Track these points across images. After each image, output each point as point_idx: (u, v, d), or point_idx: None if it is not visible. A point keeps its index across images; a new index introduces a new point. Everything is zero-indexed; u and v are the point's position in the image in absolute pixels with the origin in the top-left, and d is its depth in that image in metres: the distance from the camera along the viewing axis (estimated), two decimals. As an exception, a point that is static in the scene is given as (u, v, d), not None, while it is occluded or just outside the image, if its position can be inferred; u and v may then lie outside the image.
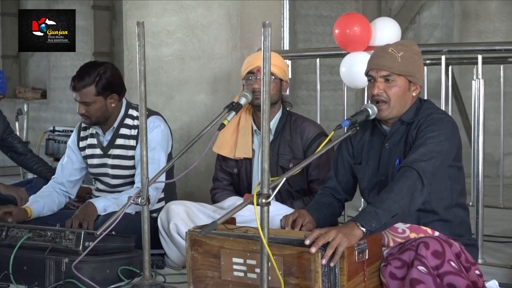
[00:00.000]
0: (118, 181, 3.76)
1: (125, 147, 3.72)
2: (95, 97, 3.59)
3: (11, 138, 4.71)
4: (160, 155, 3.64)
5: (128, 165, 3.71)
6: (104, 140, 3.76)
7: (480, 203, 3.44)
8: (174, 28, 4.60)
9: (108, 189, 3.79)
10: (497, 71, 5.77)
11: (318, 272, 2.42)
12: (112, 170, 3.75)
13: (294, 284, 2.49)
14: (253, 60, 3.60)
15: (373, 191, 2.94)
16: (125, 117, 3.73)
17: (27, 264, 3.11)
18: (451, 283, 2.47)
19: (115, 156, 3.73)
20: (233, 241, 2.65)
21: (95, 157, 3.79)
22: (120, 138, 3.73)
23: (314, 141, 3.55)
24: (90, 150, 3.81)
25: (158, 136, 3.67)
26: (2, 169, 7.52)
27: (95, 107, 3.60)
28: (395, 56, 2.81)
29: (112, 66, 3.69)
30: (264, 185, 2.30)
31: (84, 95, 3.58)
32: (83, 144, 3.84)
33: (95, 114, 3.62)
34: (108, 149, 3.75)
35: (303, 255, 2.45)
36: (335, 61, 6.91)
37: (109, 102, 3.64)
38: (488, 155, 5.91)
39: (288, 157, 3.57)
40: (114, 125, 3.72)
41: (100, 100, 3.60)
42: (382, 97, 2.83)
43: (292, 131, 3.60)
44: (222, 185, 3.77)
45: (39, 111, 10.96)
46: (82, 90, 3.57)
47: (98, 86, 3.57)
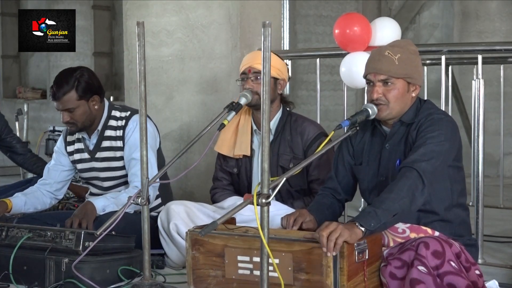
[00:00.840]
0: (110, 183, 3.75)
1: (112, 149, 3.70)
2: (77, 102, 3.57)
3: (10, 138, 4.70)
4: (148, 153, 3.64)
5: (118, 166, 3.70)
6: (90, 144, 3.74)
7: (480, 203, 3.44)
8: (174, 28, 4.60)
9: (101, 192, 3.78)
10: (497, 71, 5.77)
11: (330, 267, 2.44)
12: (102, 173, 3.74)
13: (305, 280, 2.50)
14: (246, 60, 3.60)
15: (373, 192, 2.94)
16: (108, 118, 3.71)
17: (27, 264, 3.11)
18: (451, 283, 2.47)
19: (103, 159, 3.72)
20: (238, 239, 2.66)
21: (83, 161, 3.78)
22: (106, 140, 3.71)
23: (315, 141, 3.54)
24: (78, 155, 3.79)
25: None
26: (2, 169, 7.52)
27: (79, 112, 3.59)
28: (392, 59, 2.81)
29: (87, 69, 3.69)
30: (264, 185, 2.30)
31: (66, 102, 3.56)
32: (70, 149, 3.82)
33: (80, 119, 3.60)
34: (95, 152, 3.73)
35: (314, 250, 2.47)
36: (335, 61, 6.91)
37: (92, 104, 3.62)
38: (488, 155, 5.90)
39: (288, 157, 3.56)
40: (99, 127, 3.70)
41: (82, 104, 3.59)
42: (381, 101, 2.83)
43: (292, 131, 3.59)
44: (222, 184, 3.77)
45: (39, 111, 10.96)
46: (63, 98, 3.56)
47: (79, 90, 3.56)
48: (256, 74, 3.51)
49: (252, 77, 3.53)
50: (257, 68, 3.50)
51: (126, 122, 3.66)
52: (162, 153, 3.85)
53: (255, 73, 3.51)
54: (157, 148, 3.75)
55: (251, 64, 3.53)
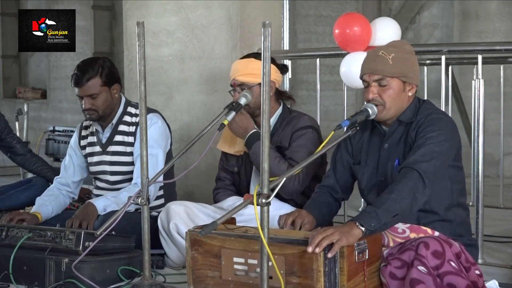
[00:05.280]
0: (118, 178, 3.77)
1: (124, 144, 3.74)
2: (100, 88, 3.63)
3: (9, 138, 4.69)
4: (157, 151, 3.66)
5: (126, 161, 3.73)
6: (103, 137, 3.79)
7: (480, 203, 3.44)
8: (174, 28, 4.60)
9: (108, 186, 3.81)
10: (497, 71, 5.77)
11: (321, 271, 2.43)
12: (111, 166, 3.76)
13: (296, 284, 2.50)
14: (231, 71, 3.59)
15: (372, 191, 2.94)
16: (123, 114, 3.75)
17: (27, 264, 3.11)
18: (451, 283, 2.47)
19: (113, 152, 3.75)
20: (234, 241, 2.66)
21: (95, 154, 3.82)
22: (118, 134, 3.75)
23: (300, 130, 3.48)
24: (90, 148, 3.84)
25: (156, 132, 3.68)
26: (2, 169, 7.53)
27: (101, 98, 3.64)
28: (386, 58, 2.81)
29: (108, 59, 3.76)
30: (264, 185, 2.30)
31: (89, 88, 3.62)
32: (84, 143, 3.87)
33: (101, 106, 3.66)
34: (107, 146, 3.77)
35: (305, 254, 2.46)
36: (335, 61, 6.91)
37: (113, 92, 3.69)
38: (488, 155, 5.91)
39: (273, 147, 3.51)
40: (113, 121, 3.75)
41: (105, 90, 3.65)
42: (377, 101, 2.83)
43: (287, 125, 3.58)
44: (224, 184, 3.77)
45: (39, 111, 10.96)
46: (87, 83, 3.61)
47: (103, 76, 3.63)
48: (240, 86, 3.52)
49: (238, 89, 3.54)
50: (239, 80, 3.51)
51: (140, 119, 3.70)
52: (172, 155, 3.85)
53: (239, 85, 3.52)
54: (167, 149, 3.78)
55: (234, 76, 3.55)
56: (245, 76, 3.50)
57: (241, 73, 3.52)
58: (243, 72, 3.51)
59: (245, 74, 3.50)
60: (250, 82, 3.50)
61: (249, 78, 3.49)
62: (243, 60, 3.61)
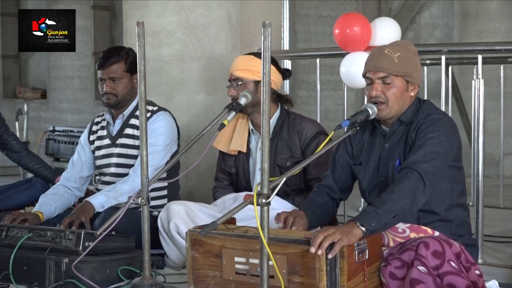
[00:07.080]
0: (122, 170, 3.78)
1: (133, 137, 3.78)
2: (123, 73, 3.73)
3: (6, 135, 4.68)
4: (164, 142, 3.70)
5: (133, 155, 3.76)
6: (113, 130, 3.84)
7: (480, 203, 3.44)
8: (174, 28, 4.60)
9: (112, 179, 3.82)
10: (497, 71, 5.77)
11: (323, 270, 2.43)
12: (118, 158, 3.80)
13: (298, 283, 2.50)
14: (231, 66, 3.62)
15: (373, 192, 2.94)
16: (136, 109, 3.78)
17: (27, 264, 3.11)
18: (451, 283, 2.47)
19: (122, 145, 3.80)
20: (235, 240, 2.66)
21: (102, 148, 3.86)
22: (129, 128, 3.80)
23: (313, 140, 3.54)
24: (99, 142, 3.89)
25: (165, 126, 3.74)
26: (2, 169, 7.53)
27: (122, 84, 3.73)
28: (392, 57, 2.81)
29: (133, 50, 3.79)
30: (264, 185, 2.30)
31: (113, 71, 3.71)
32: (93, 137, 3.93)
33: (121, 91, 3.73)
34: (117, 138, 3.82)
35: (307, 253, 2.46)
36: (335, 61, 6.90)
37: (134, 81, 3.74)
38: (488, 155, 5.91)
39: (286, 156, 3.56)
40: (124, 113, 3.80)
41: (127, 77, 3.74)
42: (380, 98, 2.83)
43: (290, 130, 3.59)
44: (222, 185, 3.78)
45: (39, 111, 10.95)
46: (112, 67, 3.71)
47: (127, 62, 3.73)
48: (236, 81, 3.54)
49: (234, 83, 3.55)
50: (235, 75, 3.54)
51: (151, 115, 3.75)
52: None
53: (235, 80, 3.54)
54: (172, 148, 3.80)
55: (231, 71, 3.57)
56: (241, 71, 3.52)
57: (238, 68, 3.54)
58: (240, 67, 3.53)
59: (242, 70, 3.51)
60: (245, 78, 3.51)
61: (245, 74, 3.51)
62: (243, 56, 3.63)
